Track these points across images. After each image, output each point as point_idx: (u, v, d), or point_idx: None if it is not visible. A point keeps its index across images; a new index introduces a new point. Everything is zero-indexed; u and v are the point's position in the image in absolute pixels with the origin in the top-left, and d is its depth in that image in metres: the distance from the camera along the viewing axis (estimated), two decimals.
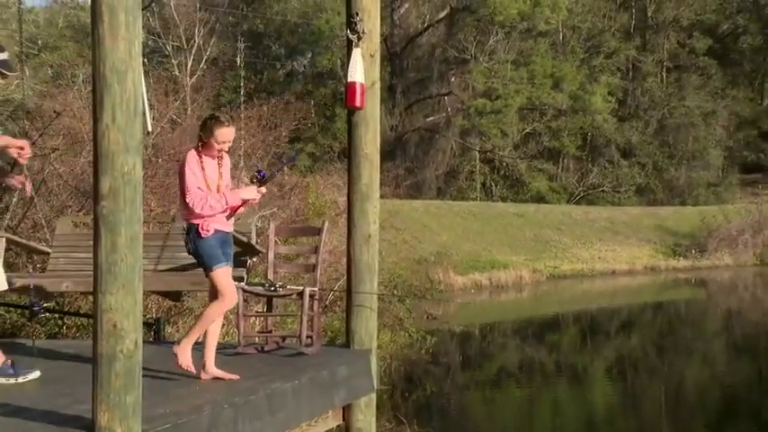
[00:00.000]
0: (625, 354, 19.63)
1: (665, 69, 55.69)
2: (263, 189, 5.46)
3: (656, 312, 27.63)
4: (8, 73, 5.61)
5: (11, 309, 9.54)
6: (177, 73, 33.59)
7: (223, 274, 5.26)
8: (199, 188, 5.18)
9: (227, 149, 5.33)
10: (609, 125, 50.96)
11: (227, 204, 5.26)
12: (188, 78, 31.87)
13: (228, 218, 5.37)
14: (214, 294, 5.34)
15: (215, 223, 5.27)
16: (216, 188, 5.28)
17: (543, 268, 34.80)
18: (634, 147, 52.42)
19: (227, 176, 5.40)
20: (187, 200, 5.16)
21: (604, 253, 38.78)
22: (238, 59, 40.60)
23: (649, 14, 55.47)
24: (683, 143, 53.29)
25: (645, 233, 42.27)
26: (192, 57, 36.03)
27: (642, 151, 52.57)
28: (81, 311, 9.38)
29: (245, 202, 5.40)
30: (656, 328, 24.48)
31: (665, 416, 13.33)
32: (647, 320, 25.97)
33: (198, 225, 5.24)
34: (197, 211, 5.19)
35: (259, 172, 5.52)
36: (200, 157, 5.25)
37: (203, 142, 5.26)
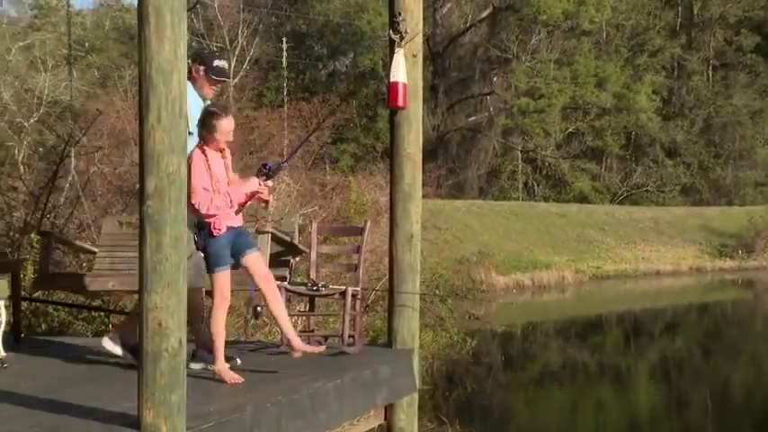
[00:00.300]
0: (669, 355, 19.40)
1: (711, 67, 54.92)
2: (270, 183, 5.49)
3: (702, 313, 27.27)
4: (223, 80, 5.95)
5: (59, 307, 9.69)
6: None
7: (224, 277, 5.33)
8: (204, 188, 5.26)
9: (231, 139, 5.39)
10: (653, 124, 50.39)
11: (232, 202, 5.32)
12: (231, 78, 32.11)
13: (237, 213, 5.44)
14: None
15: (226, 220, 5.34)
16: (225, 182, 5.37)
17: (586, 268, 34.54)
18: (679, 146, 51.76)
19: (230, 169, 5.48)
20: (193, 201, 5.22)
21: (648, 253, 38.38)
22: (282, 60, 40.81)
23: (695, 11, 54.75)
24: (729, 142, 52.52)
25: (690, 233, 41.74)
26: (235, 57, 36.31)
27: (687, 150, 51.90)
28: (126, 310, 9.49)
29: (252, 196, 5.44)
30: (701, 329, 24.15)
31: (710, 418, 13.15)
32: (692, 321, 25.64)
33: (210, 224, 5.31)
34: (203, 211, 5.28)
35: (265, 165, 5.54)
36: (206, 155, 5.32)
37: (207, 139, 5.34)
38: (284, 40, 41.96)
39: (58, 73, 23.58)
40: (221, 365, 5.26)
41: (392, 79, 6.33)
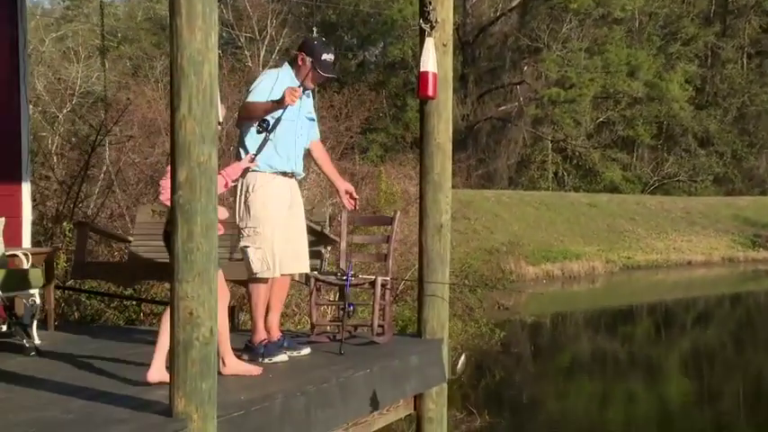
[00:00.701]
0: (701, 346, 19.24)
1: (745, 55, 54.18)
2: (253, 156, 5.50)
3: (735, 304, 27.01)
4: (328, 76, 5.85)
5: (91, 296, 9.79)
6: (250, 63, 33.97)
7: (221, 274, 5.38)
8: None
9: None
10: (686, 113, 49.87)
11: (227, 184, 5.29)
12: (260, 68, 32.19)
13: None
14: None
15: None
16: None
17: (617, 259, 34.33)
18: (712, 135, 51.19)
19: None
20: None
21: (680, 243, 38.05)
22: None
23: None
24: (764, 131, 51.82)
25: (723, 223, 41.31)
26: (264, 47, 36.39)
27: (720, 140, 51.31)
28: (158, 299, 9.57)
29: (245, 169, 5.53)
30: (733, 320, 23.92)
31: (743, 411, 13.03)
32: (724, 312, 25.41)
33: None
34: None
35: (264, 120, 5.51)
36: None
37: None
38: (314, 30, 41.97)
39: (91, 64, 23.76)
40: (232, 361, 5.17)
41: (422, 69, 6.31)
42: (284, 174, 5.73)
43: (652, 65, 49.00)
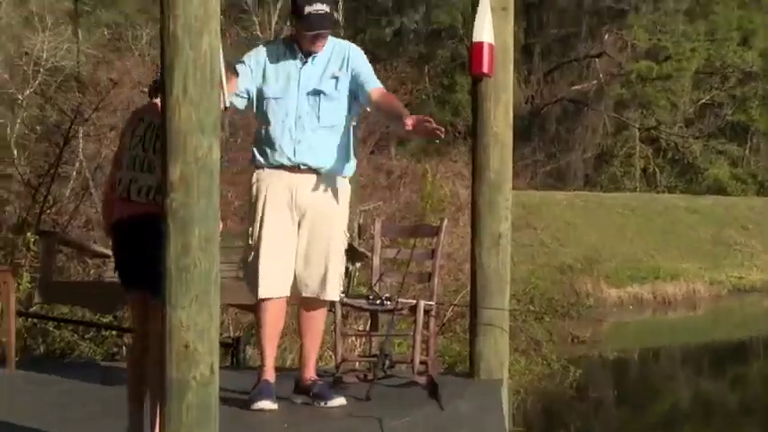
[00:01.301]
0: None
1: None
2: None
3: None
4: (315, 32, 5.70)
5: (61, 324, 9.88)
6: (259, 33, 34.15)
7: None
8: None
9: None
10: None
11: None
12: (272, 38, 32.39)
13: None
14: None
15: None
16: None
17: (724, 279, 34.07)
18: None
19: None
20: None
21: None
22: (339, 15, 41.04)
23: None
24: None
25: None
26: (276, 12, 36.57)
27: None
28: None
29: None
30: None
31: None
32: None
33: None
34: None
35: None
36: None
37: None
38: None
39: (60, 32, 24.00)
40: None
41: (475, 39, 6.32)
42: (282, 167, 5.71)
43: None
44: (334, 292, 5.81)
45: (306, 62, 5.77)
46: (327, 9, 5.69)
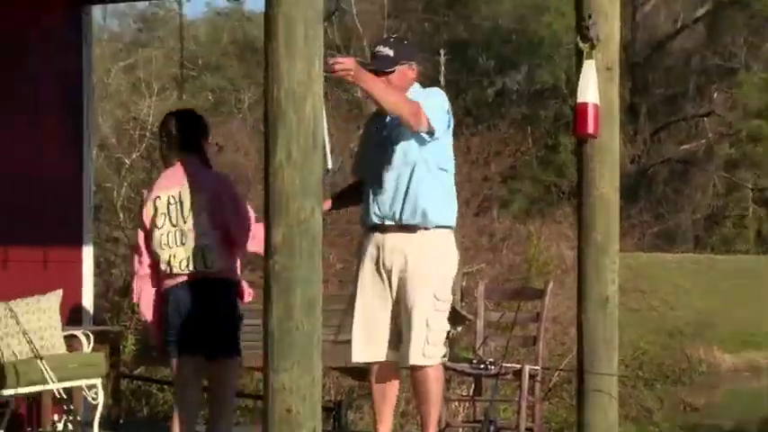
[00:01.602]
0: None
1: None
2: None
3: None
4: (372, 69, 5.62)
5: (164, 386, 9.99)
6: (360, 95, 34.56)
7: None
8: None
9: None
10: None
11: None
12: None
13: None
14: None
15: None
16: None
17: None
18: None
19: None
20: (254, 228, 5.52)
21: None
22: (439, 76, 41.30)
23: None
24: None
25: None
26: None
27: None
28: (245, 391, 9.71)
29: None
30: None
31: None
32: None
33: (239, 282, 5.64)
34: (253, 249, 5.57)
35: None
36: None
37: None
38: (441, 51, 42.51)
39: (166, 97, 24.61)
40: None
41: (580, 99, 6.30)
42: (374, 227, 5.62)
43: None
44: (416, 356, 5.53)
45: (378, 114, 5.72)
46: (391, 53, 5.62)
